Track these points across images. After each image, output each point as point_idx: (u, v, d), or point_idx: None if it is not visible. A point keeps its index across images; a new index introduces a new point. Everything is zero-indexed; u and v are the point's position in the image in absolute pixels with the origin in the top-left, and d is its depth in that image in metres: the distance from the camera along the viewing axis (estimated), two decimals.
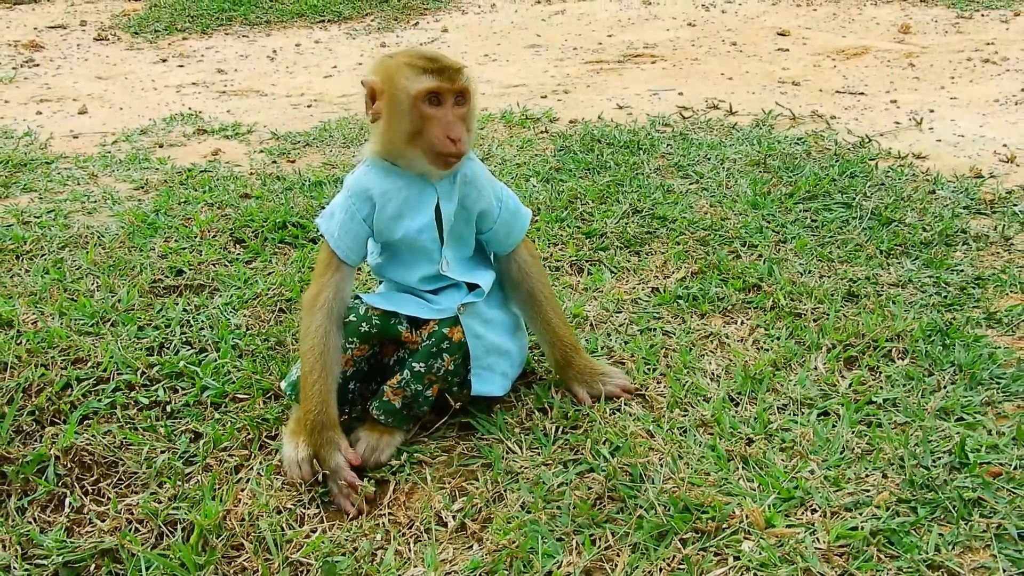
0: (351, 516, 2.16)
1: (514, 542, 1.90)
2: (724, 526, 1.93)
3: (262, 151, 4.70)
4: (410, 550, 2.00)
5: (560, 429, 2.32)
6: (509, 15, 8.61)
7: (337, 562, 1.95)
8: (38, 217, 3.78)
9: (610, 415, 2.36)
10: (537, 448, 2.26)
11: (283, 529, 2.15)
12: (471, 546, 1.97)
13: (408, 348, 2.37)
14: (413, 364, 2.31)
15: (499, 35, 7.87)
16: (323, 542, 2.03)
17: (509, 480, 2.15)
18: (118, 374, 2.73)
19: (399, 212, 2.32)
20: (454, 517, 2.06)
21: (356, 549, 2.02)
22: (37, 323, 2.95)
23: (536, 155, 4.42)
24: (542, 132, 4.86)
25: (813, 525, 1.94)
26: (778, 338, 2.71)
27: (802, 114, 5.00)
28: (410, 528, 2.07)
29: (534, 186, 3.94)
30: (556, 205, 3.69)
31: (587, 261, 3.26)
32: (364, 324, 2.34)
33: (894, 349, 2.64)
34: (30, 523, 2.38)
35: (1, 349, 2.78)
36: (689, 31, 7.57)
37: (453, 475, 2.22)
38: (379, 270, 2.49)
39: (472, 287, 2.38)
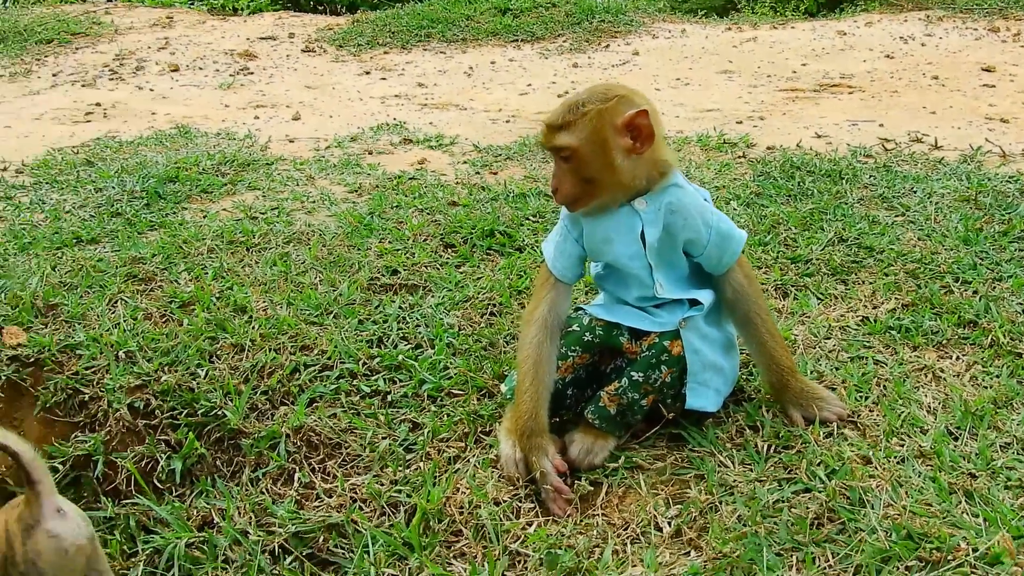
0: (560, 518, 2.24)
1: (735, 552, 1.93)
2: (950, 558, 1.91)
3: (465, 162, 4.88)
4: (627, 550, 2.06)
5: (772, 448, 2.34)
6: (700, 40, 8.62)
7: (559, 554, 2.03)
8: (263, 213, 4.05)
9: (824, 439, 2.36)
10: (749, 464, 2.29)
11: (501, 519, 2.25)
12: (688, 552, 2.01)
13: (626, 357, 2.44)
14: (632, 373, 2.38)
15: (690, 60, 7.89)
16: (547, 534, 2.11)
17: (723, 492, 2.18)
18: (341, 363, 2.90)
19: (607, 236, 2.41)
20: (669, 523, 2.11)
21: (573, 545, 2.09)
22: (267, 310, 3.16)
23: (735, 179, 4.43)
24: (739, 157, 4.86)
25: None
26: (998, 376, 2.65)
27: (1013, 152, 4.83)
28: (625, 529, 2.14)
29: (735, 209, 3.96)
30: (759, 229, 3.70)
31: (792, 286, 3.25)
32: (587, 334, 2.43)
33: None
34: (263, 494, 2.56)
35: (238, 332, 3.01)
36: (887, 63, 7.40)
37: (666, 483, 2.27)
38: (599, 281, 2.58)
39: (693, 303, 2.43)
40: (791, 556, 1.94)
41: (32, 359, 2.92)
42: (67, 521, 2.13)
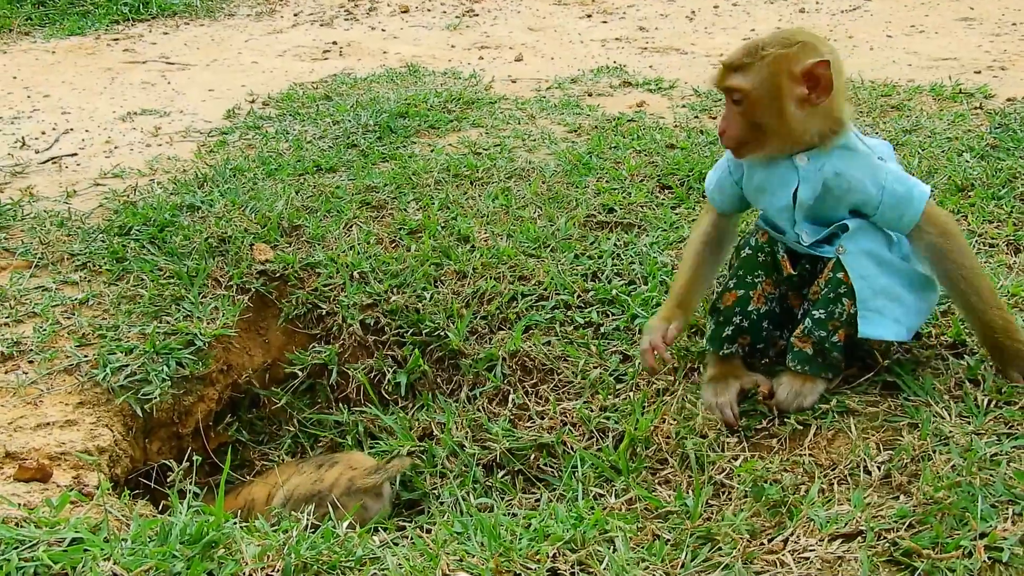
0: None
1: (947, 499, 1.92)
2: None
3: (684, 106, 4.86)
4: (833, 490, 2.08)
5: (993, 402, 2.28)
6: None
7: (765, 487, 2.07)
8: (486, 149, 4.20)
9: None
10: (967, 417, 2.24)
11: (707, 452, 2.31)
12: (897, 496, 2.01)
13: (810, 299, 2.43)
14: (814, 312, 2.37)
15: (927, 6, 7.47)
16: (752, 468, 2.16)
17: (937, 442, 2.15)
18: (557, 294, 3.01)
19: (761, 185, 2.42)
20: (879, 467, 2.11)
21: (779, 480, 2.13)
22: (488, 241, 3.31)
23: (969, 131, 4.22)
24: (976, 108, 4.61)
25: None
26: None
27: None
28: (833, 470, 2.15)
29: (967, 161, 3.78)
30: (993, 183, 3.53)
31: None
32: (760, 254, 2.47)
33: None
34: (479, 411, 2.72)
35: (461, 259, 3.17)
36: None
37: (877, 429, 2.26)
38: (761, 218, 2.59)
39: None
40: (1007, 508, 1.90)
41: (278, 274, 3.19)
42: (378, 502, 2.38)
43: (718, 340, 2.49)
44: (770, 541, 1.94)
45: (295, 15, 8.07)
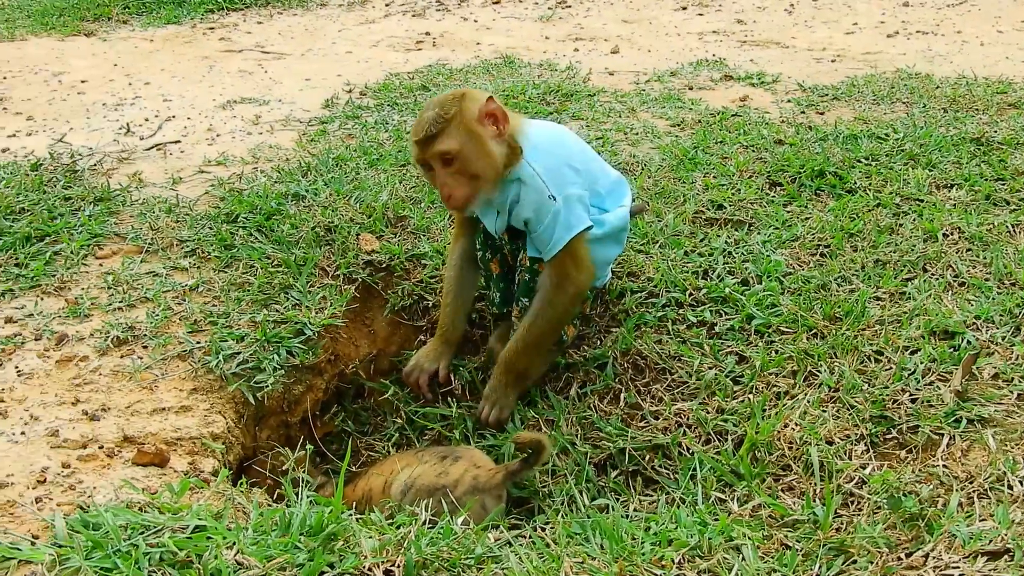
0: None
1: None
2: None
3: (789, 101, 4.74)
4: (974, 504, 1.98)
5: None
6: None
7: (902, 498, 1.98)
8: (589, 143, 4.12)
9: None
10: None
11: (834, 459, 2.23)
12: None
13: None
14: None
15: None
16: (888, 477, 2.07)
17: None
18: (667, 291, 2.94)
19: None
20: (1021, 482, 2.01)
21: (916, 492, 2.04)
22: None
23: None
24: None
25: None
26: None
27: None
28: (970, 483, 2.05)
29: None
30: None
31: None
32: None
33: None
34: (589, 409, 2.66)
35: None
36: None
37: (1017, 440, 2.15)
38: None
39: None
40: None
41: (384, 265, 3.17)
42: (498, 502, 2.31)
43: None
44: (908, 556, 1.85)
45: (387, 5, 8.09)
